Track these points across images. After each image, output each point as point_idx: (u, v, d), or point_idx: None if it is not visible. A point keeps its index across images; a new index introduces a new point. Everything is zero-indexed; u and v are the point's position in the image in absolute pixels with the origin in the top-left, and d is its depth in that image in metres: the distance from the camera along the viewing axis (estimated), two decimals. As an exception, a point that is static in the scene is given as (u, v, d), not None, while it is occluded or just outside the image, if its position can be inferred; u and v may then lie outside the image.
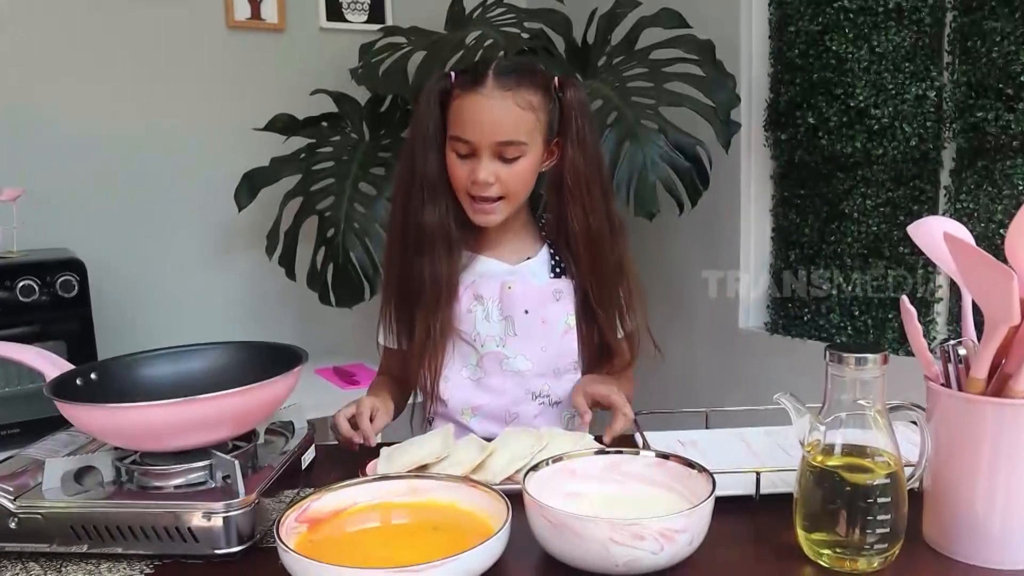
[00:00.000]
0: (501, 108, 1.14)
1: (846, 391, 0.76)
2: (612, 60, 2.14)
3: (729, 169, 2.18)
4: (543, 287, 1.24)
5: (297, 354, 0.97)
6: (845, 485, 0.75)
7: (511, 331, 1.23)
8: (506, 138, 1.15)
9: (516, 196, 1.20)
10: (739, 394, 2.21)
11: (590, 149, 1.20)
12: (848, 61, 1.88)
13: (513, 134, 1.15)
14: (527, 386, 1.24)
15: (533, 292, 1.23)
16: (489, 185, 1.16)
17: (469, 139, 1.15)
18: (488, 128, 1.14)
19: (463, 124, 1.15)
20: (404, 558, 0.78)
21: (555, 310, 1.24)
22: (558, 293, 1.25)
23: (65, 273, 1.94)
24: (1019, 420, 0.74)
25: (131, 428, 0.86)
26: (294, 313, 2.61)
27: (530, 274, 1.25)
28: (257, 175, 2.23)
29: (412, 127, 1.22)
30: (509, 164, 1.16)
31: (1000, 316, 0.72)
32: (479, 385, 1.25)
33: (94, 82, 2.33)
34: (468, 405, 1.25)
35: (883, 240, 1.93)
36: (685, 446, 1.06)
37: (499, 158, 1.16)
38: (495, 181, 1.16)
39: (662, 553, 0.74)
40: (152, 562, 0.84)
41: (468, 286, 1.24)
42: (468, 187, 1.17)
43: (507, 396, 1.25)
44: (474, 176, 1.15)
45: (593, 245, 1.21)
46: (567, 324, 1.25)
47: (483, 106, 1.14)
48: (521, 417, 1.25)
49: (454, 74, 1.18)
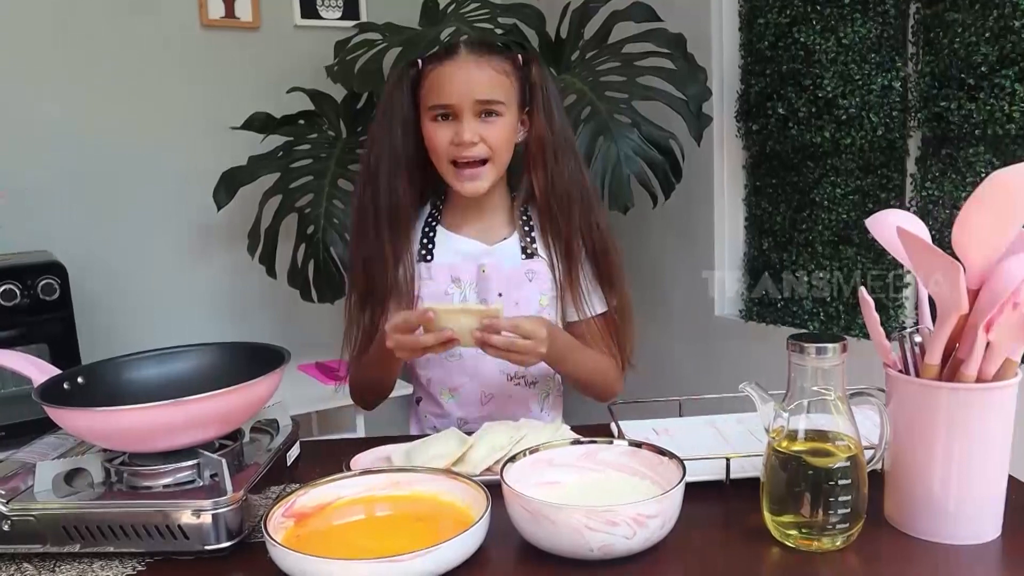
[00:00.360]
0: (479, 69, 1.18)
1: (807, 379, 0.80)
2: (585, 55, 2.17)
3: (702, 161, 2.21)
4: (516, 269, 1.25)
5: (280, 354, 0.99)
6: (808, 469, 0.79)
7: None
8: (486, 96, 1.18)
9: (499, 159, 1.21)
10: (716, 381, 2.25)
11: (557, 120, 1.23)
12: (816, 53, 1.91)
13: (492, 93, 1.18)
14: (502, 367, 1.25)
15: (506, 274, 1.25)
16: (474, 144, 1.17)
17: (449, 102, 1.17)
18: (467, 88, 1.17)
19: (440, 91, 1.18)
20: (388, 549, 0.81)
21: (528, 291, 1.25)
22: (531, 274, 1.26)
23: (46, 276, 1.94)
24: (971, 403, 0.78)
25: (119, 430, 0.88)
26: (276, 310, 2.62)
27: (505, 255, 1.26)
28: (235, 174, 2.23)
29: (378, 113, 1.24)
30: (490, 123, 1.19)
31: (951, 305, 0.76)
32: (455, 367, 1.27)
33: (71, 83, 2.32)
34: (445, 386, 1.28)
35: (852, 227, 1.98)
36: (659, 434, 1.09)
37: (480, 117, 1.18)
38: (479, 141, 1.18)
39: (635, 538, 0.77)
40: (143, 559, 0.86)
41: (446, 267, 1.25)
42: (452, 152, 1.19)
43: (483, 378, 1.27)
44: (459, 137, 1.17)
45: (559, 212, 1.23)
46: (540, 305, 1.26)
47: (460, 70, 1.17)
48: (497, 398, 1.28)
49: (420, 60, 1.22)
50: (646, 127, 1.96)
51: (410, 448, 1.05)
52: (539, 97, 1.22)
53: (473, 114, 1.18)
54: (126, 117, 2.40)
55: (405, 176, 1.22)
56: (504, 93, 1.19)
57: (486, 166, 1.20)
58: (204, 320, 2.56)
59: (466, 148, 1.18)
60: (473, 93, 1.17)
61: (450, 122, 1.18)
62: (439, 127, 1.19)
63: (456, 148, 1.18)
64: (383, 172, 1.22)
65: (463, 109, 1.17)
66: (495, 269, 1.25)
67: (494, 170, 1.21)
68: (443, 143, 1.19)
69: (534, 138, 1.22)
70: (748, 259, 2.24)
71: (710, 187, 2.25)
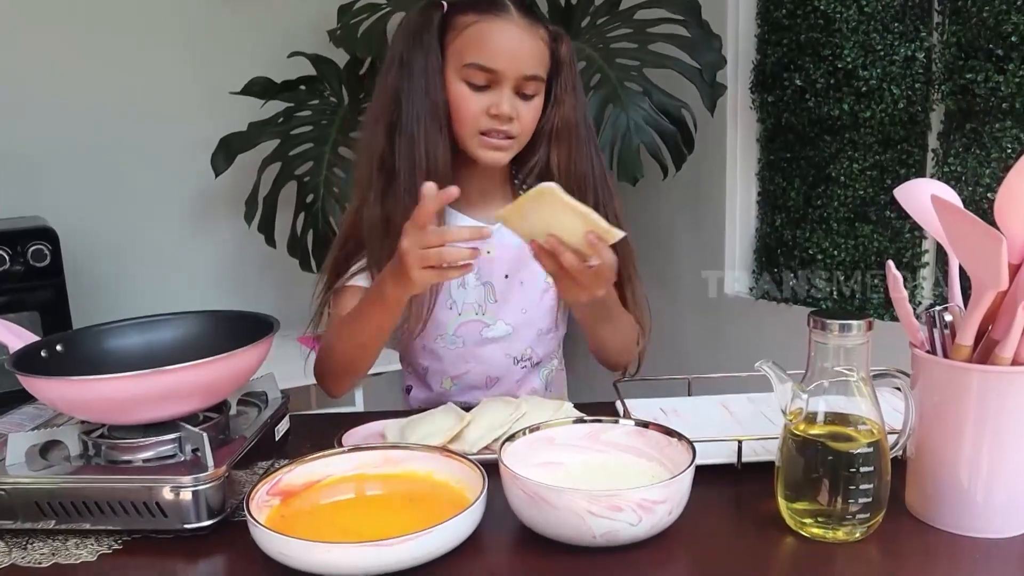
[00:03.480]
0: (529, 38, 1.05)
1: (829, 358, 0.74)
2: (596, 21, 2.10)
3: (715, 132, 2.15)
4: (519, 248, 1.18)
5: (269, 323, 0.95)
6: (827, 454, 0.74)
7: (491, 298, 1.19)
8: (532, 71, 1.06)
9: (524, 137, 1.11)
10: (725, 360, 2.21)
11: (580, 97, 1.15)
12: (836, 21, 1.84)
13: (537, 68, 1.07)
14: (508, 351, 1.21)
15: (510, 254, 1.18)
16: (511, 120, 1.07)
17: (495, 67, 1.04)
18: (517, 58, 1.04)
19: (488, 51, 1.04)
20: (378, 531, 0.76)
21: (532, 270, 1.18)
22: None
23: (37, 242, 1.90)
24: (1005, 388, 0.72)
25: (96, 401, 0.83)
26: (274, 280, 2.57)
27: (507, 233, 1.21)
28: (234, 140, 2.18)
29: (404, 56, 1.08)
30: (527, 101, 1.08)
31: (988, 281, 0.70)
32: (457, 355, 1.22)
33: (66, 47, 2.27)
34: (447, 375, 1.23)
35: (869, 204, 1.92)
36: (667, 414, 1.05)
37: (518, 93, 1.08)
38: (515, 117, 1.07)
39: (640, 524, 0.72)
40: (121, 537, 0.82)
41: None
42: (484, 123, 1.07)
43: (487, 363, 1.22)
44: (497, 108, 1.05)
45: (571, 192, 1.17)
46: (546, 283, 1.20)
47: (512, 34, 1.04)
48: (503, 381, 1.23)
49: (446, 3, 1.09)
50: (657, 96, 1.90)
51: (405, 424, 1.00)
52: (568, 75, 1.13)
53: (513, 87, 1.06)
54: (123, 81, 2.35)
55: (446, 134, 1.09)
56: (544, 70, 1.09)
57: (511, 141, 1.10)
58: (202, 289, 2.52)
59: (503, 122, 1.06)
60: (521, 65, 1.05)
61: (484, 90, 1.06)
62: (472, 93, 1.06)
63: (491, 120, 1.06)
64: (422, 127, 1.07)
65: (506, 79, 1.05)
66: (501, 249, 1.17)
67: (517, 146, 1.12)
68: (474, 111, 1.06)
69: (560, 118, 1.13)
70: (760, 235, 2.18)
71: (722, 160, 2.19)
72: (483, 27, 1.05)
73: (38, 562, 0.78)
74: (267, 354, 0.93)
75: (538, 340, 1.23)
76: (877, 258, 1.92)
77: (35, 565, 0.77)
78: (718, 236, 2.25)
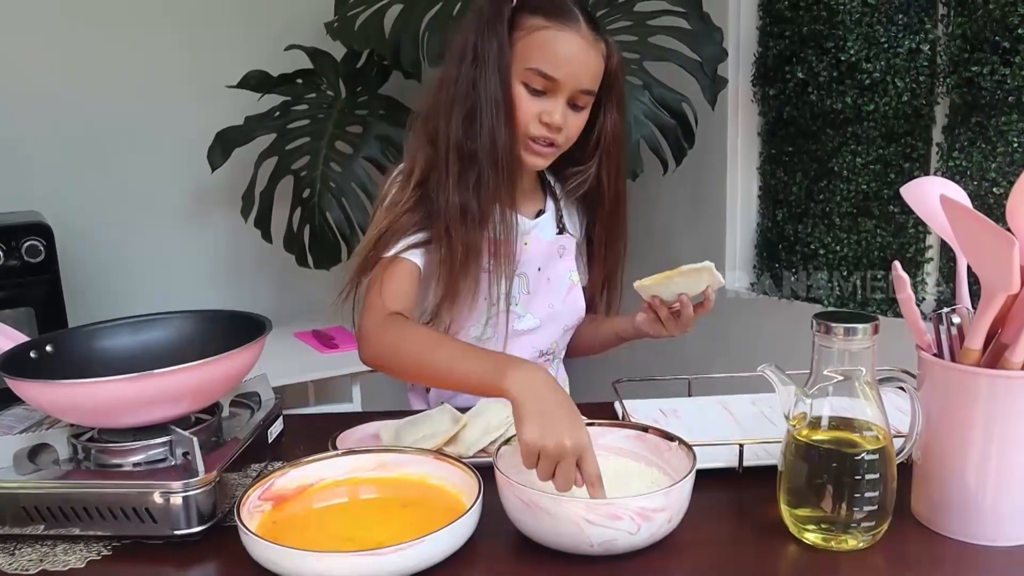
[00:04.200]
0: (593, 54, 1.06)
1: (833, 362, 0.72)
2: (595, 13, 2.07)
3: (716, 126, 2.12)
4: (551, 243, 1.21)
5: (261, 324, 0.93)
6: (831, 460, 0.72)
7: (524, 288, 1.18)
8: (588, 86, 1.07)
9: (565, 146, 1.12)
10: (726, 357, 2.19)
11: (624, 115, 1.17)
12: (839, 13, 1.82)
13: (593, 82, 1.08)
14: (535, 344, 1.21)
15: (544, 248, 1.20)
16: (559, 130, 1.08)
17: (557, 76, 1.05)
18: (578, 70, 1.05)
19: (553, 60, 1.04)
20: (370, 537, 0.75)
21: (560, 267, 1.21)
22: (562, 249, 1.22)
23: (31, 237, 1.87)
24: (1014, 393, 0.70)
25: (84, 405, 0.82)
26: (271, 276, 2.55)
27: (544, 229, 1.21)
28: (230, 134, 2.15)
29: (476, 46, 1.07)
30: (576, 112, 1.09)
31: (999, 284, 0.68)
32: (486, 346, 1.19)
33: (60, 39, 2.24)
34: None
35: (873, 199, 1.89)
36: (667, 416, 1.03)
37: (571, 104, 1.08)
38: (564, 126, 1.08)
39: (639, 533, 0.70)
40: (110, 543, 0.80)
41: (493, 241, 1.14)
42: (535, 128, 1.08)
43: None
44: (549, 117, 1.06)
45: (619, 206, 1.20)
46: (571, 280, 1.22)
47: (577, 46, 1.05)
48: None
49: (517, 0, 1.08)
50: (658, 89, 1.87)
51: (400, 426, 0.98)
52: (619, 89, 1.14)
53: (568, 98, 1.07)
54: (118, 75, 2.32)
55: (512, 126, 1.08)
56: (598, 84, 1.10)
57: (553, 149, 1.11)
58: (198, 285, 2.50)
59: (552, 131, 1.07)
60: (581, 78, 1.06)
61: (540, 95, 1.06)
62: (528, 96, 1.07)
63: (541, 126, 1.07)
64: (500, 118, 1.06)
65: (563, 90, 1.06)
66: (536, 242, 1.19)
67: (556, 154, 1.13)
68: (528, 112, 1.07)
69: (610, 132, 1.14)
70: (761, 231, 2.16)
71: (723, 154, 2.16)
72: (551, 34, 1.05)
73: (26, 568, 0.77)
74: (259, 355, 0.92)
75: (563, 336, 1.25)
76: (880, 253, 1.90)
77: (23, 572, 0.76)
78: (719, 231, 2.22)
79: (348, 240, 2.10)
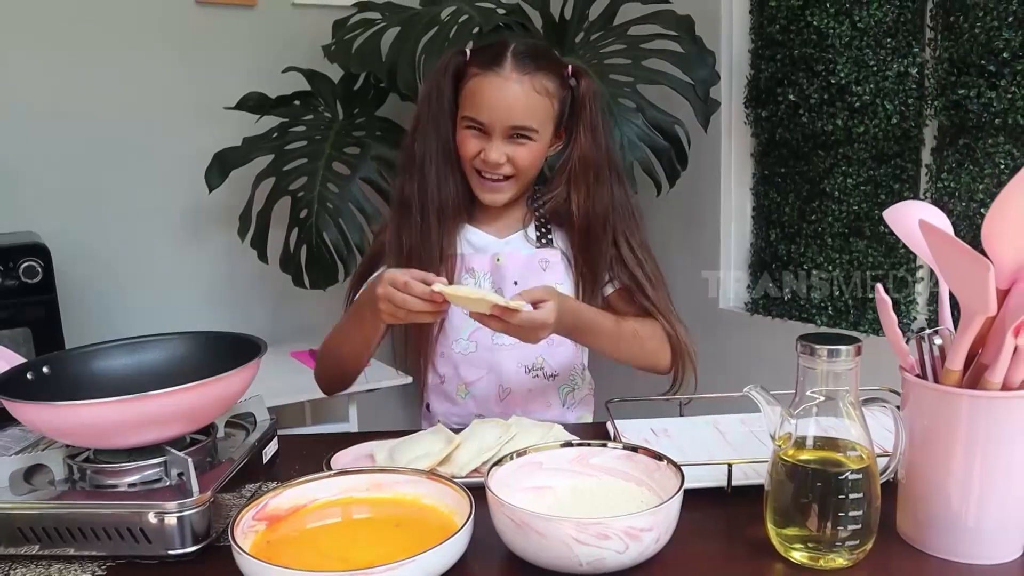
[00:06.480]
0: (518, 92, 1.13)
1: (818, 383, 0.74)
2: (589, 36, 2.10)
3: (709, 148, 2.15)
4: (530, 257, 1.23)
5: (256, 345, 0.94)
6: (816, 480, 0.73)
7: None
8: (520, 123, 1.14)
9: (524, 176, 1.19)
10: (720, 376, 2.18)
11: (600, 138, 1.19)
12: (829, 37, 1.84)
13: (527, 119, 1.14)
14: (519, 359, 1.23)
15: (521, 262, 1.22)
16: (500, 165, 1.16)
17: (483, 121, 1.14)
18: (503, 112, 1.13)
19: (479, 105, 1.14)
20: (363, 557, 0.76)
21: (543, 280, 1.22)
22: (544, 263, 1.23)
23: (29, 258, 1.88)
24: (995, 413, 0.72)
25: (80, 426, 0.83)
26: (268, 296, 2.56)
27: (519, 245, 1.24)
28: (228, 155, 2.17)
29: (423, 102, 1.20)
30: (520, 144, 1.16)
31: (977, 307, 0.70)
32: (470, 360, 1.23)
33: (60, 59, 2.26)
34: (462, 381, 1.24)
35: (864, 219, 1.91)
36: (658, 435, 1.04)
37: (510, 139, 1.15)
38: (505, 161, 1.16)
39: (627, 552, 0.71)
40: (105, 563, 0.81)
41: (458, 257, 1.23)
42: (478, 164, 1.17)
43: (499, 371, 1.23)
44: (485, 156, 1.15)
45: (592, 226, 1.20)
46: None
47: (500, 88, 1.13)
48: (515, 392, 1.23)
49: (469, 51, 1.17)
50: (651, 112, 1.90)
51: (394, 446, 0.99)
52: (585, 113, 1.18)
53: (503, 136, 1.15)
54: (117, 96, 2.33)
55: (457, 169, 1.19)
56: (540, 118, 1.15)
57: (509, 182, 1.19)
58: (195, 306, 2.50)
59: (491, 167, 1.16)
60: (507, 118, 1.13)
61: (480, 135, 1.16)
62: (469, 136, 1.16)
63: (482, 163, 1.16)
64: (432, 166, 1.18)
65: (494, 130, 1.14)
66: (510, 258, 1.22)
67: (517, 185, 1.20)
68: (470, 152, 1.17)
69: (577, 155, 1.19)
70: (755, 251, 2.18)
71: (717, 176, 2.18)
72: (479, 81, 1.14)
73: (20, 589, 0.77)
74: (254, 377, 0.93)
75: (549, 351, 1.24)
76: (871, 273, 1.92)
77: (17, 592, 0.77)
78: (713, 252, 2.24)
79: (345, 260, 2.12)
